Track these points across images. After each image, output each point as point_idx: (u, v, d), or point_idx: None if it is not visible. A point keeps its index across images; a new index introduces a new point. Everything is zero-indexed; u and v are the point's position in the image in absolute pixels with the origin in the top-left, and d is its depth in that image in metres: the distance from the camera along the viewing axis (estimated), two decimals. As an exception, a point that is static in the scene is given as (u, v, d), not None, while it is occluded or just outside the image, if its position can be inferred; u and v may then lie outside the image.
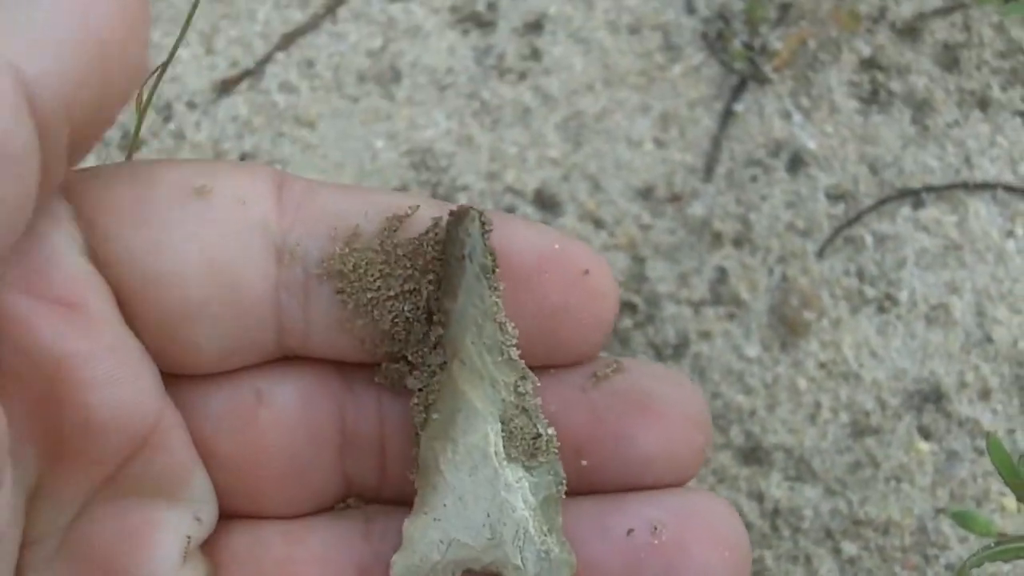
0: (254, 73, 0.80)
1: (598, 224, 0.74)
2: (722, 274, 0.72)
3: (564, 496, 0.38)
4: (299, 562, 0.40)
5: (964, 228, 0.72)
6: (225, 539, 0.40)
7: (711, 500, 0.39)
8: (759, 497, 0.66)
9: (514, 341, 0.38)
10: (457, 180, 0.75)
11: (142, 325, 0.37)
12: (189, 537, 0.38)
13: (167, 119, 0.78)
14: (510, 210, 0.74)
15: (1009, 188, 0.73)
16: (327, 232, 0.38)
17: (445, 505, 0.38)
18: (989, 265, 0.71)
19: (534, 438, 0.38)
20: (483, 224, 0.38)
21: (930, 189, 0.73)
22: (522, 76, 0.78)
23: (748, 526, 0.65)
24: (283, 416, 0.39)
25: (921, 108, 0.76)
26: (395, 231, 0.38)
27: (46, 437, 0.35)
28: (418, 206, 0.38)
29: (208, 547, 0.40)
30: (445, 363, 0.38)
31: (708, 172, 0.74)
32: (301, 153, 0.77)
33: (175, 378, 0.38)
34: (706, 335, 0.70)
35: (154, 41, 0.81)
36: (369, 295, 0.38)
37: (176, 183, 0.37)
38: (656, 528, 0.38)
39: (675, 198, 0.74)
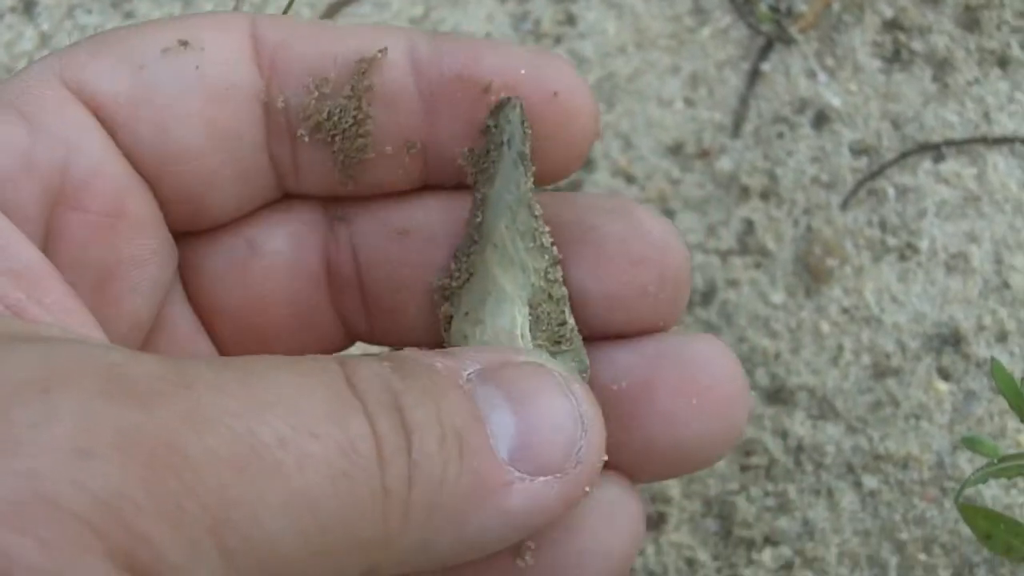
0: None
1: (630, 180, 0.77)
2: (749, 226, 0.75)
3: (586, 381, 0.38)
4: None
5: (983, 180, 0.75)
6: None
7: (696, 342, 0.38)
8: (783, 435, 0.69)
9: (546, 228, 0.39)
10: (495, 139, 0.79)
11: (163, 198, 0.39)
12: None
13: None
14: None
15: (1027, 142, 0.76)
16: (302, 83, 0.38)
17: None
18: (1007, 215, 0.74)
19: (560, 325, 0.38)
20: (523, 114, 0.38)
21: (950, 143, 0.76)
22: (557, 40, 0.82)
23: (773, 462, 0.68)
24: (275, 263, 0.40)
25: (942, 66, 0.78)
26: (364, 74, 0.38)
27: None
28: (386, 48, 0.38)
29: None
30: (477, 248, 0.39)
31: (736, 129, 0.78)
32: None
33: (179, 236, 0.40)
34: (733, 283, 0.73)
35: (205, 11, 0.85)
36: (347, 139, 0.39)
37: (161, 40, 0.38)
38: (616, 375, 0.38)
39: (704, 154, 0.77)
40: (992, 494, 0.66)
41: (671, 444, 0.38)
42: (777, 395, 0.70)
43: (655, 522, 0.67)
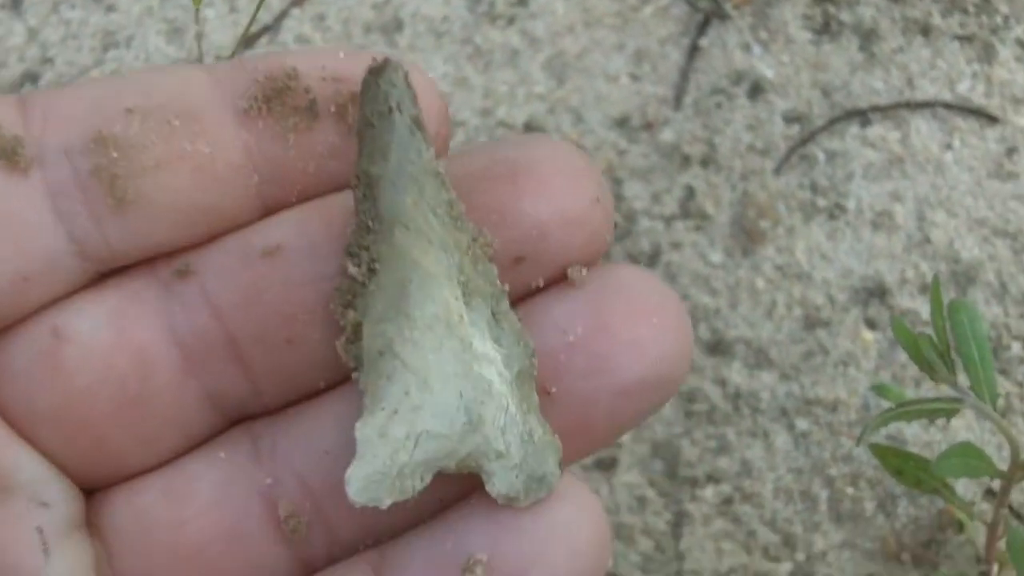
0: (272, 28, 0.89)
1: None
2: (690, 192, 0.81)
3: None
4: (192, 521, 0.35)
5: (907, 143, 0.81)
6: (106, 513, 0.36)
7: (624, 270, 0.36)
8: (722, 383, 0.76)
9: (456, 197, 0.34)
10: (455, 117, 0.85)
11: None
12: (40, 528, 0.33)
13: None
14: (502, 142, 0.83)
15: (947, 106, 0.82)
16: (81, 133, 0.34)
17: (407, 394, 0.33)
18: (929, 175, 0.80)
19: (497, 304, 0.34)
20: (407, 76, 0.33)
21: (876, 109, 0.82)
22: (510, 21, 0.88)
23: (713, 408, 0.75)
24: (91, 348, 0.34)
25: (868, 36, 0.84)
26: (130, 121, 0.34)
27: None
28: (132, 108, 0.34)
29: (92, 526, 0.36)
30: (380, 234, 0.34)
31: (677, 102, 0.83)
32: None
33: None
34: (676, 245, 0.79)
35: (184, 4, 0.91)
36: (139, 179, 0.34)
37: None
38: (565, 331, 0.34)
39: (648, 126, 0.83)
40: (912, 432, 0.73)
41: (644, 371, 0.34)
42: (717, 347, 0.76)
43: (608, 465, 0.74)
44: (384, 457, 0.33)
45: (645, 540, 0.72)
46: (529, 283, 0.35)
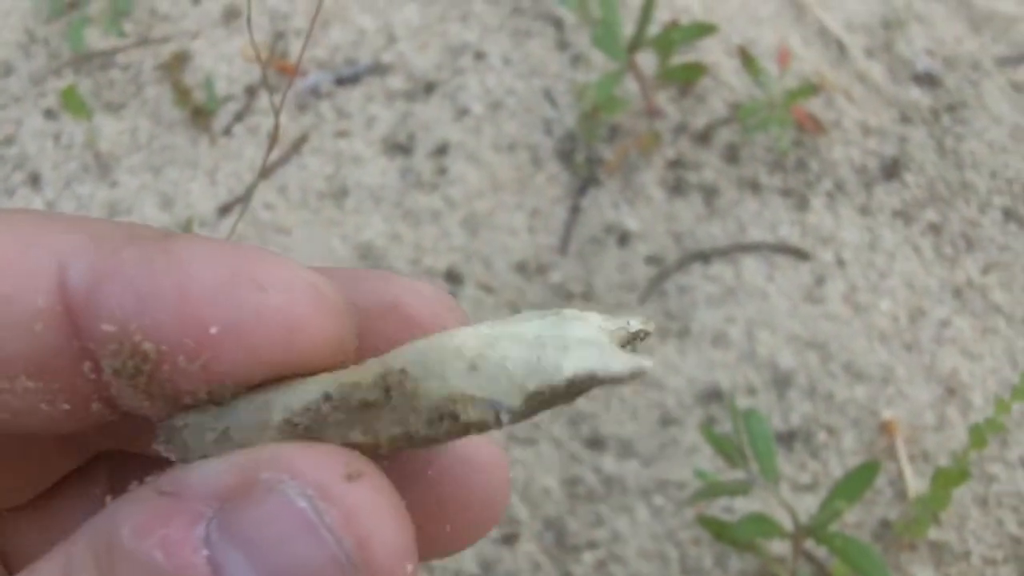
0: (243, 198, 1.13)
1: (489, 291, 1.06)
2: (573, 321, 1.04)
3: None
4: None
5: (739, 277, 1.05)
6: None
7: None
8: (598, 470, 0.98)
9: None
10: (391, 266, 1.08)
11: None
12: None
13: (186, 235, 1.12)
14: (428, 285, 1.07)
15: (771, 247, 1.05)
16: None
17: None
18: (756, 302, 1.03)
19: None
20: None
21: (715, 251, 1.05)
22: (434, 188, 1.11)
23: (591, 490, 0.97)
24: None
25: (710, 193, 1.08)
26: None
27: None
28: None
29: None
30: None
31: (563, 249, 1.07)
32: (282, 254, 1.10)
33: None
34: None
35: (173, 179, 1.14)
36: None
37: None
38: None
39: (541, 269, 1.07)
40: (739, 504, 0.96)
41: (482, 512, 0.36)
42: (594, 442, 0.99)
43: (511, 539, 0.96)
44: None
45: (541, 594, 0.94)
46: None
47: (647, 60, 1.11)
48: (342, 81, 1.19)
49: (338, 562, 0.28)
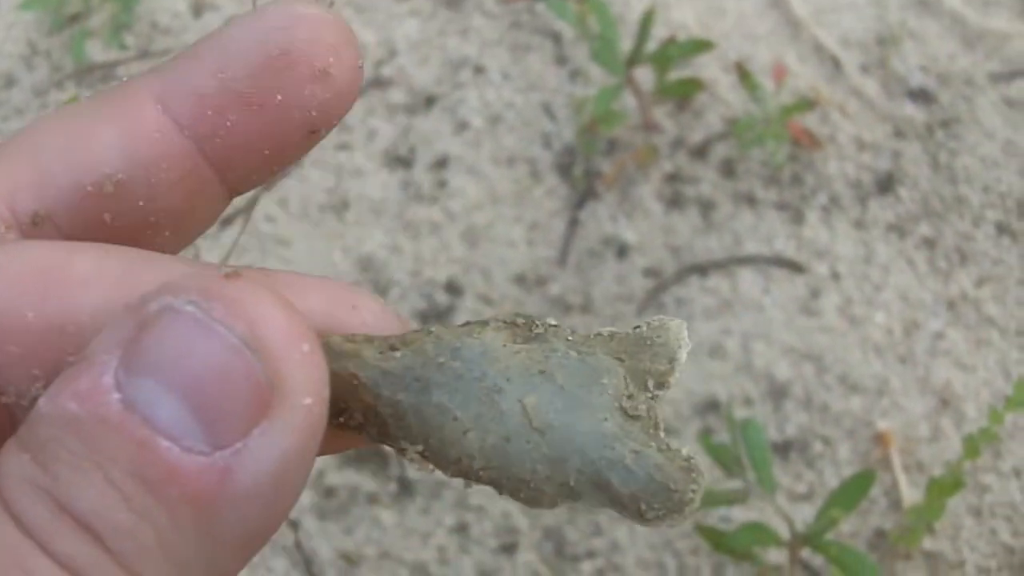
0: (245, 210, 1.14)
1: (488, 302, 1.08)
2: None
3: None
4: None
5: (735, 290, 1.06)
6: None
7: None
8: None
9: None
10: (391, 278, 1.09)
11: None
12: None
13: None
14: (428, 297, 1.08)
15: (766, 260, 1.07)
16: None
17: None
18: (752, 314, 1.05)
19: None
20: None
21: (712, 264, 1.07)
22: (434, 200, 1.13)
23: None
24: None
25: (707, 207, 1.10)
26: None
27: None
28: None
29: None
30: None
31: (562, 262, 1.08)
32: (282, 266, 1.11)
33: None
34: (562, 375, 1.04)
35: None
36: None
37: None
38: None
39: (540, 281, 1.08)
40: (736, 514, 0.97)
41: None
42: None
43: (510, 548, 0.97)
44: None
45: (540, 603, 0.95)
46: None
47: (645, 75, 1.12)
48: (343, 94, 1.20)
49: (236, 349, 0.29)
